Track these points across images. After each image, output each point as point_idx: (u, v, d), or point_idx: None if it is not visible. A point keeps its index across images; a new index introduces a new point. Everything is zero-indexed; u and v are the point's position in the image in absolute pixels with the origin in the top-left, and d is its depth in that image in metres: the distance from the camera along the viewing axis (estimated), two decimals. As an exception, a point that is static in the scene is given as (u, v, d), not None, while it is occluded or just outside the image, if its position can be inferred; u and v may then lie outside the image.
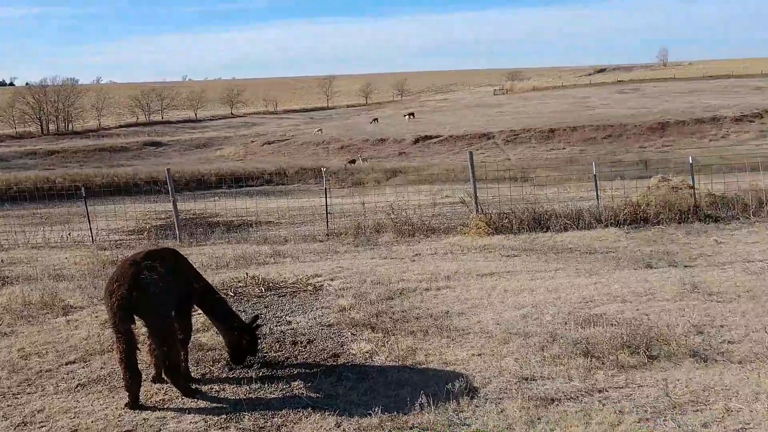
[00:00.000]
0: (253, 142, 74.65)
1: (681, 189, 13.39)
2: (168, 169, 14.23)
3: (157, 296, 4.63)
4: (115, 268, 5.02)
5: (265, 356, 5.66)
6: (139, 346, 4.83)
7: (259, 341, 5.55)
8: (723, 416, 4.07)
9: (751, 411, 4.11)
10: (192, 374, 5.24)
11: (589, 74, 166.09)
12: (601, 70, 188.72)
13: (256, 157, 65.65)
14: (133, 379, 4.57)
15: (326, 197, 14.78)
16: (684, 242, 10.29)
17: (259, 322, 5.58)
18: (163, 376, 4.83)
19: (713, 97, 77.42)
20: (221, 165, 58.93)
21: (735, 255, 8.95)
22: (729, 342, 5.30)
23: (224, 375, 5.29)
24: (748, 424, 3.99)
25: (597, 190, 13.39)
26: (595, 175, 13.78)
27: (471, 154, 13.43)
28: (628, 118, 63.18)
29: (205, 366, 5.48)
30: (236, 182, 46.29)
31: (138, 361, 4.74)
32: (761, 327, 5.56)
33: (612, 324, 5.82)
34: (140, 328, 4.98)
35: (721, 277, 7.46)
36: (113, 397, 4.87)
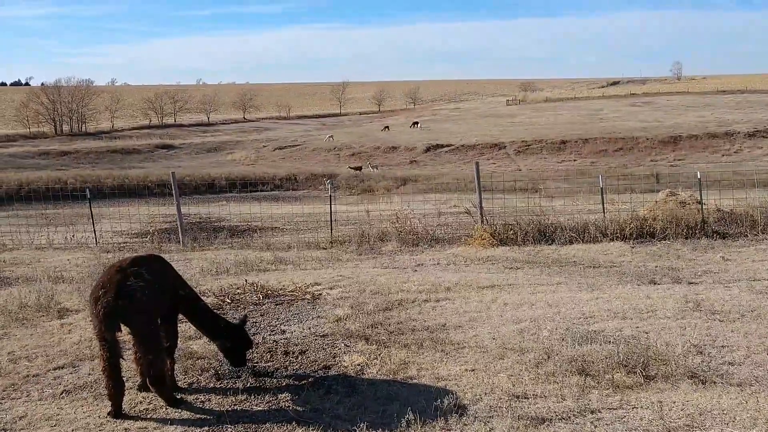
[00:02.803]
0: (264, 146, 74.90)
1: (689, 204, 13.23)
2: (173, 173, 14.21)
3: (143, 304, 4.55)
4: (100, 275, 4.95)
5: (255, 366, 5.57)
6: (125, 354, 4.76)
7: (251, 340, 5.47)
8: (719, 442, 3.94)
9: (748, 437, 3.98)
10: (179, 383, 5.16)
11: (603, 86, 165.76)
12: (615, 83, 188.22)
13: (267, 162, 65.82)
14: (116, 388, 4.50)
15: (330, 205, 14.71)
16: (690, 258, 10.14)
17: (253, 330, 5.52)
18: (148, 384, 4.75)
19: (726, 111, 76.95)
20: (232, 169, 59.18)
21: (741, 273, 8.78)
22: (729, 363, 5.17)
23: (212, 385, 5.20)
24: (745, 450, 3.86)
25: (603, 203, 13.25)
26: (601, 188, 13.63)
27: (477, 164, 13.32)
28: (640, 131, 62.89)
29: (193, 375, 5.40)
30: (246, 187, 46.39)
31: (123, 370, 4.67)
32: (763, 349, 5.42)
33: (610, 341, 5.70)
34: (125, 336, 4.91)
35: (725, 296, 7.31)
36: (97, 405, 4.79)
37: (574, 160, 56.96)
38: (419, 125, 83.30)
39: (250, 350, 5.49)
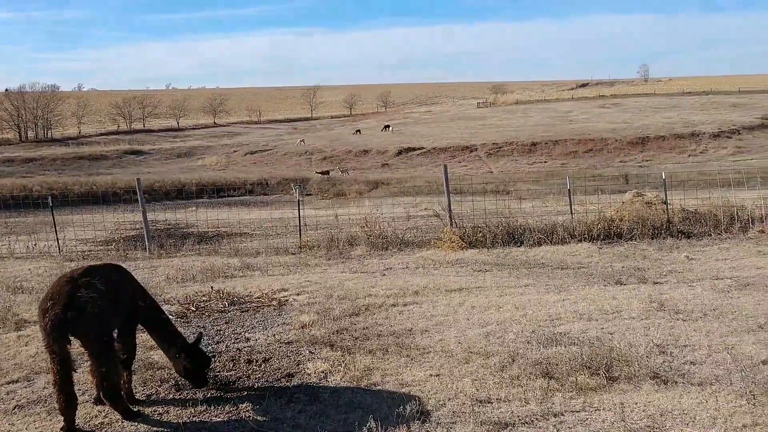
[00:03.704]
0: (235, 151, 74.38)
1: (655, 204, 13.38)
2: (138, 179, 13.99)
3: (95, 316, 4.42)
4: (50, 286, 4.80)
5: (217, 376, 5.46)
6: (83, 366, 4.63)
7: (209, 360, 5.33)
8: (680, 442, 3.94)
9: (709, 437, 3.99)
10: (137, 395, 5.03)
11: (572, 88, 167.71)
12: (584, 85, 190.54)
13: (238, 167, 65.39)
14: (68, 403, 4.35)
15: (299, 209, 14.60)
16: (655, 258, 10.24)
17: (217, 338, 5.39)
18: (102, 398, 4.61)
19: (692, 112, 78.38)
20: (203, 174, 58.58)
21: (705, 272, 8.89)
22: (691, 363, 5.19)
23: (171, 396, 5.08)
24: (705, 450, 3.87)
25: (571, 205, 13.35)
26: (569, 190, 13.74)
27: (445, 167, 13.32)
28: (609, 133, 63.73)
29: (152, 386, 5.27)
30: (217, 192, 45.99)
31: (81, 382, 4.54)
32: (724, 347, 5.46)
33: (575, 343, 5.70)
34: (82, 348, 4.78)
35: (688, 295, 7.38)
36: (50, 420, 4.65)
37: (545, 162, 57.51)
38: (391, 128, 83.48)
39: (210, 363, 5.35)
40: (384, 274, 9.94)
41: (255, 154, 71.40)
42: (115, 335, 4.85)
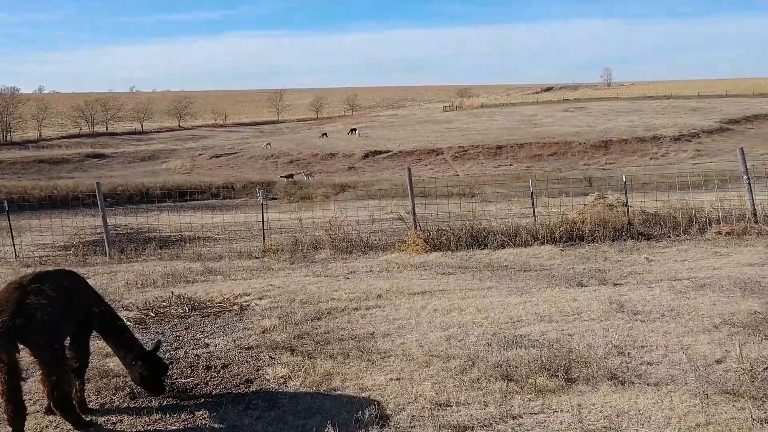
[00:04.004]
0: (200, 155, 73.56)
1: (616, 206, 13.58)
2: (98, 183, 13.73)
3: (44, 323, 4.29)
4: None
5: (175, 383, 5.36)
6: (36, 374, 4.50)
7: (167, 367, 5.22)
8: (636, 442, 3.98)
9: (664, 436, 4.04)
10: (91, 404, 4.91)
11: (537, 92, 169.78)
12: (548, 89, 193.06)
13: (203, 171, 64.65)
14: (16, 413, 4.22)
15: (263, 213, 14.47)
16: (616, 260, 10.37)
17: (176, 344, 5.29)
18: (53, 407, 4.48)
19: (653, 116, 79.88)
20: (167, 178, 57.79)
21: (663, 273, 9.03)
22: (648, 363, 5.26)
23: (126, 404, 4.97)
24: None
25: (534, 207, 13.46)
26: (532, 193, 13.85)
27: (409, 170, 13.34)
28: (573, 136, 64.56)
29: (106, 395, 5.15)
30: (182, 196, 45.38)
31: (33, 391, 4.40)
32: (680, 347, 5.55)
33: (535, 345, 5.73)
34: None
35: (647, 296, 7.48)
36: (-2, 432, 4.51)
37: (510, 165, 58.01)
38: (357, 132, 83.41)
39: (168, 371, 5.24)
40: (347, 278, 9.89)
41: (220, 158, 70.69)
42: (67, 343, 4.73)
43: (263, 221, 14.26)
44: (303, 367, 5.51)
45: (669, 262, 9.94)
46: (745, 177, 12.52)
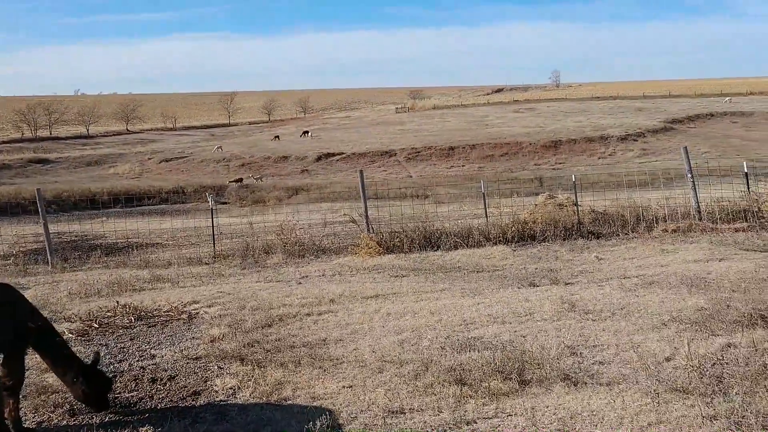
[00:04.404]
0: (149, 159, 72.15)
1: (566, 206, 13.75)
2: (38, 189, 13.25)
3: (-28, 339, 4.05)
4: None
5: (118, 397, 5.15)
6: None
7: (110, 382, 5.00)
8: (589, 444, 3.97)
9: (617, 437, 4.03)
10: (26, 423, 4.65)
11: (488, 94, 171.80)
12: (499, 90, 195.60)
13: (153, 175, 63.42)
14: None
15: (212, 218, 14.19)
16: (567, 259, 10.48)
17: (120, 356, 5.06)
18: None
19: (601, 117, 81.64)
20: (115, 183, 56.47)
21: (613, 271, 9.14)
22: (600, 363, 5.27)
23: (65, 422, 4.73)
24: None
25: (486, 208, 13.53)
26: (484, 194, 13.92)
27: (361, 172, 13.25)
28: (524, 137, 65.49)
29: (44, 412, 4.90)
30: (130, 201, 44.31)
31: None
32: (631, 346, 5.59)
33: (488, 348, 5.70)
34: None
35: (598, 295, 7.55)
36: (-75, 456, 4.24)
37: (463, 166, 58.48)
38: (310, 134, 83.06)
39: (112, 386, 5.01)
40: (300, 283, 9.75)
41: (170, 162, 69.42)
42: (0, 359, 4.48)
43: (213, 226, 13.97)
44: (253, 376, 5.35)
45: (618, 260, 10.09)
46: (689, 175, 12.82)
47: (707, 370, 4.81)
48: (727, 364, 4.90)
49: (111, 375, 5.66)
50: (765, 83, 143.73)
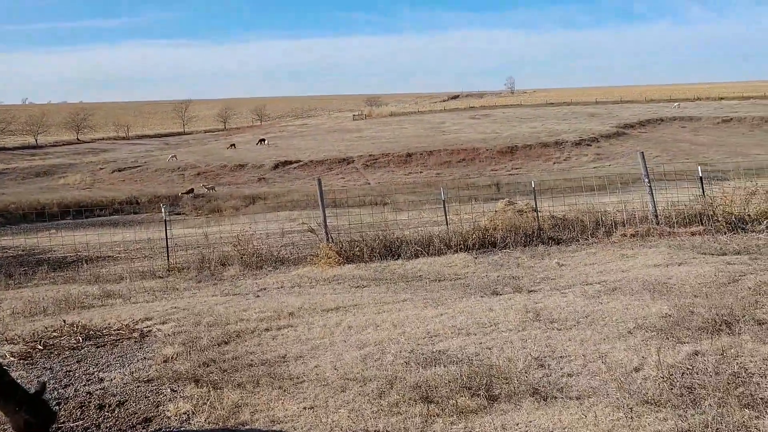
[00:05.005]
0: (101, 169, 70.59)
1: (526, 212, 13.74)
2: (-20, 203, 12.62)
3: None
4: None
5: (62, 427, 4.80)
6: None
7: (54, 413, 4.66)
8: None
9: (590, 454, 3.89)
10: (-41, 460, 4.30)
11: (444, 100, 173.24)
12: (455, 97, 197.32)
13: (105, 185, 62.02)
14: None
15: (166, 230, 13.75)
16: (528, 266, 10.41)
17: (66, 380, 4.72)
18: None
19: (555, 122, 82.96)
20: (65, 194, 55.00)
21: (575, 278, 9.08)
22: (568, 375, 5.14)
23: (2, 457, 4.39)
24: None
25: (446, 215, 13.42)
26: (443, 201, 13.80)
27: (319, 180, 13.00)
28: (480, 143, 66.06)
29: (-20, 447, 4.54)
30: (82, 213, 43.09)
31: None
32: (598, 356, 5.47)
33: (454, 362, 5.52)
34: None
35: (561, 303, 7.45)
36: None
37: (420, 172, 58.66)
38: (267, 142, 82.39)
39: (56, 416, 4.67)
40: (258, 296, 9.46)
41: (123, 171, 67.99)
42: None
43: (167, 238, 13.54)
44: (208, 399, 5.06)
45: (579, 266, 10.05)
46: (646, 180, 12.92)
47: (677, 381, 4.71)
48: (696, 373, 4.81)
49: (55, 402, 5.32)
50: (711, 89, 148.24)
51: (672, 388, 4.60)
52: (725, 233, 11.50)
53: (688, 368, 4.94)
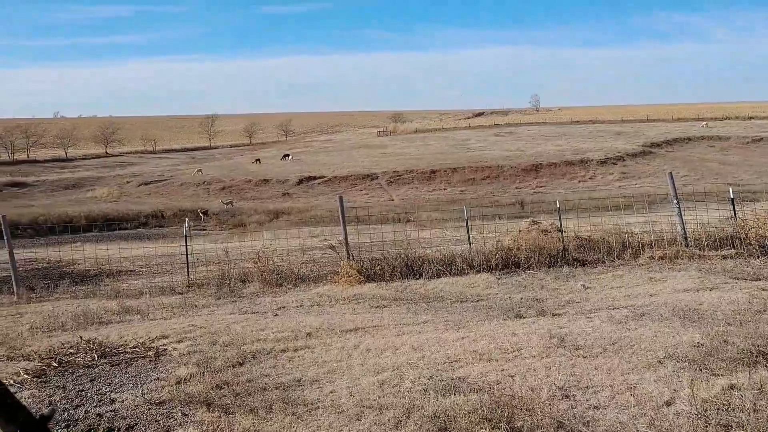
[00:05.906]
0: (128, 182, 71.39)
1: (550, 232, 13.46)
2: (3, 216, 12.70)
3: None
4: None
5: (69, 451, 4.68)
6: None
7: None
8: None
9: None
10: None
11: (468, 117, 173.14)
12: (480, 114, 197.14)
13: (132, 199, 62.67)
14: None
15: (186, 245, 13.70)
16: (553, 288, 10.14)
17: (77, 400, 4.59)
18: None
19: (580, 141, 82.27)
20: (93, 207, 55.64)
21: (601, 301, 8.81)
22: (595, 407, 4.89)
23: (5, 483, 4.25)
24: None
25: (469, 235, 13.19)
26: (466, 219, 13.60)
27: (341, 198, 12.87)
28: (505, 160, 65.68)
29: (-17, 471, 4.41)
30: (108, 226, 43.50)
31: None
32: (626, 387, 5.22)
33: (474, 390, 5.30)
34: None
35: (587, 328, 7.19)
36: None
37: (444, 189, 58.42)
38: (291, 157, 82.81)
39: None
40: (276, 314, 9.31)
41: (150, 185, 68.70)
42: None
43: (186, 254, 13.48)
44: (219, 425, 4.91)
45: (605, 289, 9.77)
46: (675, 201, 12.59)
47: (712, 418, 4.44)
48: (733, 410, 4.54)
49: (64, 424, 5.20)
50: (739, 108, 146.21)
51: (707, 426, 4.33)
52: (758, 257, 11.13)
53: (723, 404, 4.66)
